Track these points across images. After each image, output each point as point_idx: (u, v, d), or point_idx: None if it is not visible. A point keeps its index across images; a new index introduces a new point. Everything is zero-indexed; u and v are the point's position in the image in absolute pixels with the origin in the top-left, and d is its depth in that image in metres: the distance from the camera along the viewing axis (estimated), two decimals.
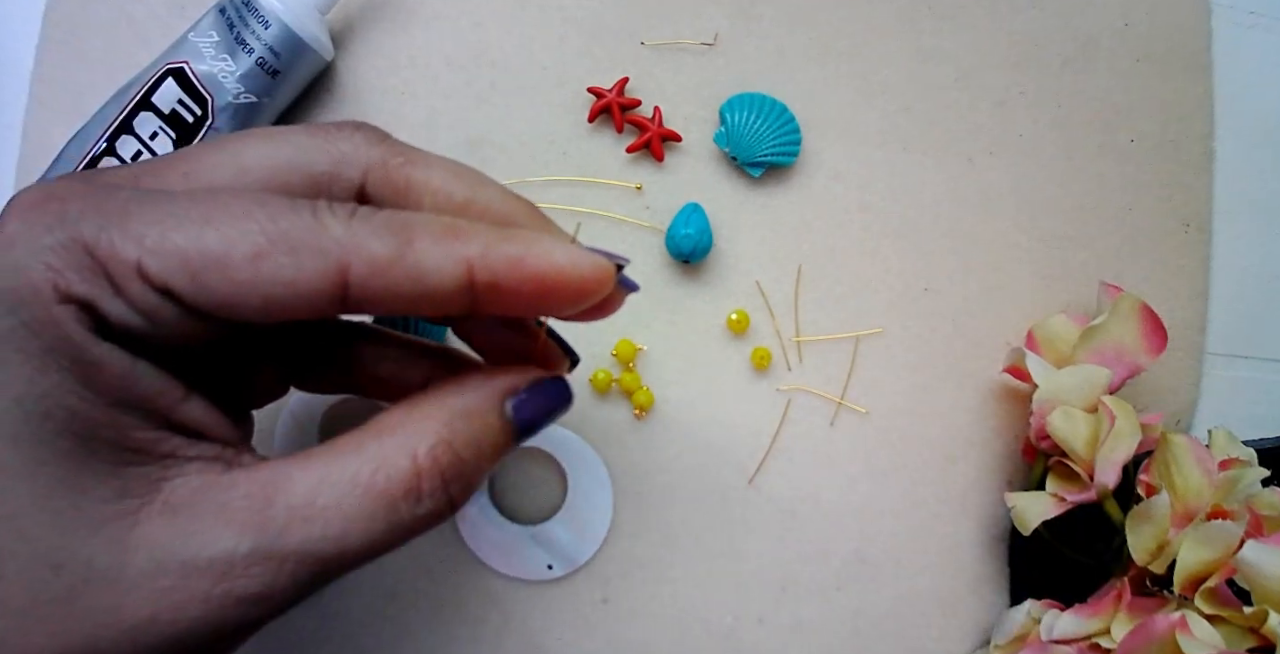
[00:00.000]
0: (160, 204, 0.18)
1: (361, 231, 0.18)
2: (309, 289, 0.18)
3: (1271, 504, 0.31)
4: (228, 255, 0.17)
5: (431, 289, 0.19)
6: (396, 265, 0.18)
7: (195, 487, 0.19)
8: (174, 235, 0.17)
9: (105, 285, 0.18)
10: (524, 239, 0.19)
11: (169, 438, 0.19)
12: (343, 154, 0.20)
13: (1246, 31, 0.41)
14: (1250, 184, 0.41)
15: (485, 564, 0.36)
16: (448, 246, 0.19)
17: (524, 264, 0.19)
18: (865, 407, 0.38)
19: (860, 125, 0.38)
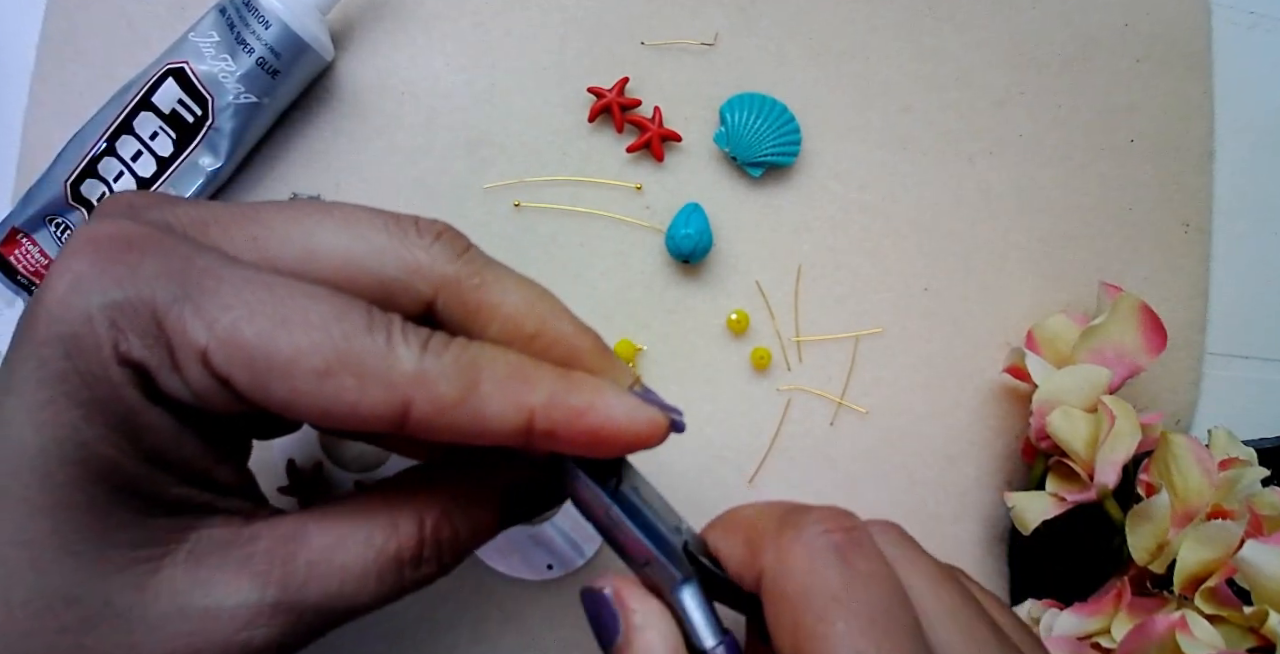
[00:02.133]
0: (238, 287, 0.18)
1: (431, 369, 0.18)
2: (369, 414, 0.18)
3: (1271, 504, 0.31)
4: (295, 364, 0.17)
5: (490, 431, 0.19)
6: (459, 408, 0.18)
7: (220, 538, 0.20)
8: (245, 329, 0.17)
9: (166, 358, 0.18)
10: (588, 390, 0.20)
11: (200, 494, 0.20)
12: (419, 265, 0.20)
13: (1246, 31, 0.41)
14: (1250, 184, 0.41)
15: (485, 564, 0.36)
16: (512, 394, 0.19)
17: (584, 418, 0.19)
18: (865, 407, 0.38)
19: (860, 125, 0.38)
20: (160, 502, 0.19)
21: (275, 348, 0.17)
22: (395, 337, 0.18)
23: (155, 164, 0.34)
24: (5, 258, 0.35)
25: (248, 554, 0.19)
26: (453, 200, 0.37)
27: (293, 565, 0.20)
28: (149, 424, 0.18)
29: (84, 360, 0.17)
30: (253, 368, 0.17)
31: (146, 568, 0.19)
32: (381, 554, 0.20)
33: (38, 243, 0.35)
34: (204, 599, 0.19)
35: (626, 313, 0.37)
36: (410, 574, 0.21)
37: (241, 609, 0.19)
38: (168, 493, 0.19)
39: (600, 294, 0.37)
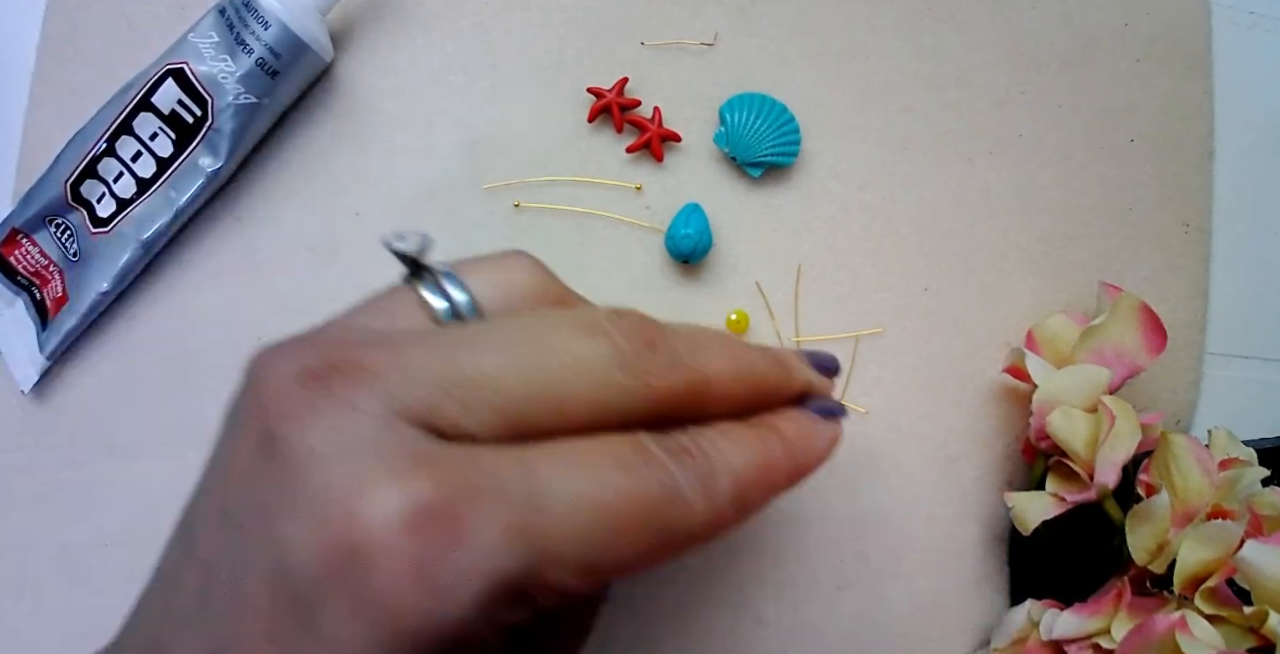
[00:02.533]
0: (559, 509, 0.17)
1: (719, 505, 0.20)
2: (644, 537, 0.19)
3: (1271, 504, 0.31)
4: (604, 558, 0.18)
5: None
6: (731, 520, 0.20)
7: None
8: (589, 554, 0.17)
9: (520, 606, 0.17)
10: (809, 453, 0.22)
11: None
12: (654, 394, 0.20)
13: (1246, 31, 0.41)
14: (1250, 184, 0.41)
15: None
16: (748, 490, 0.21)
17: (808, 468, 0.22)
18: (865, 407, 0.38)
19: (860, 125, 0.38)
20: None
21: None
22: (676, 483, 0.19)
23: (155, 164, 0.34)
24: (5, 258, 0.35)
25: None
26: (452, 200, 0.37)
27: None
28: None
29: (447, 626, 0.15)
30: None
31: None
32: None
33: (38, 243, 0.35)
34: None
35: None
36: None
37: None
38: None
39: (600, 294, 0.37)
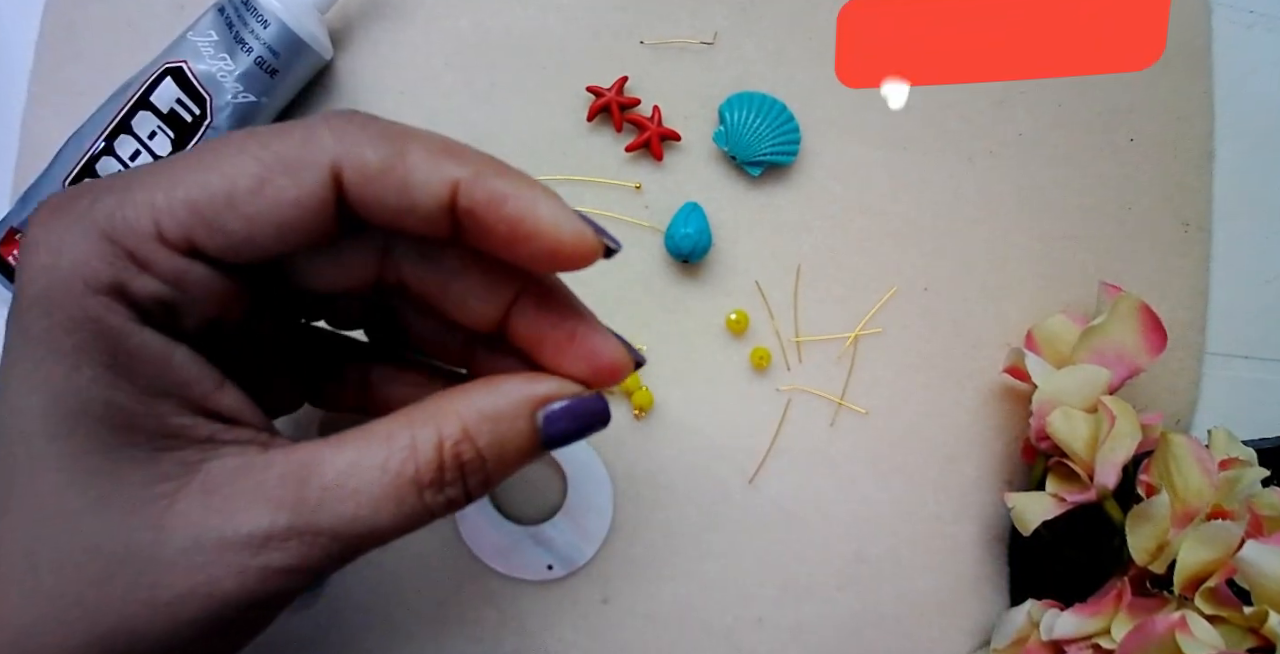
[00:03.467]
0: (159, 170, 0.19)
1: (356, 139, 0.19)
2: (312, 203, 0.19)
3: (1271, 504, 0.31)
4: (234, 191, 0.18)
5: (416, 204, 0.19)
6: (388, 175, 0.19)
7: (232, 467, 0.19)
8: (179, 190, 0.18)
9: (130, 265, 0.18)
10: (516, 180, 0.20)
11: (206, 423, 0.19)
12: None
13: (1246, 31, 0.41)
14: (1250, 184, 0.41)
15: (485, 564, 0.36)
16: (439, 164, 0.19)
17: (506, 204, 0.19)
18: (865, 407, 0.38)
19: (860, 125, 0.38)
20: (165, 434, 0.19)
21: (211, 188, 0.18)
22: (316, 127, 0.19)
23: None
24: (3, 258, 0.35)
25: (261, 481, 0.19)
26: None
27: (306, 490, 0.19)
28: (137, 347, 0.18)
29: (60, 311, 0.18)
30: (202, 216, 0.18)
31: (162, 506, 0.19)
32: (398, 478, 0.20)
33: None
34: (218, 528, 0.19)
35: (626, 313, 0.37)
36: (432, 498, 0.20)
37: (256, 535, 0.19)
38: (169, 423, 0.19)
39: (600, 294, 0.37)
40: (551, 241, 0.20)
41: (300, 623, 0.35)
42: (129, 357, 0.18)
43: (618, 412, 0.37)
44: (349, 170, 0.19)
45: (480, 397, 0.21)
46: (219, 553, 0.19)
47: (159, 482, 0.19)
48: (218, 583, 0.19)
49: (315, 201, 0.19)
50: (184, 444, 0.19)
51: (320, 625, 0.36)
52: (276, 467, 0.20)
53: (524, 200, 0.19)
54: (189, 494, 0.19)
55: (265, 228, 0.19)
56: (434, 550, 0.36)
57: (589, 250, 0.20)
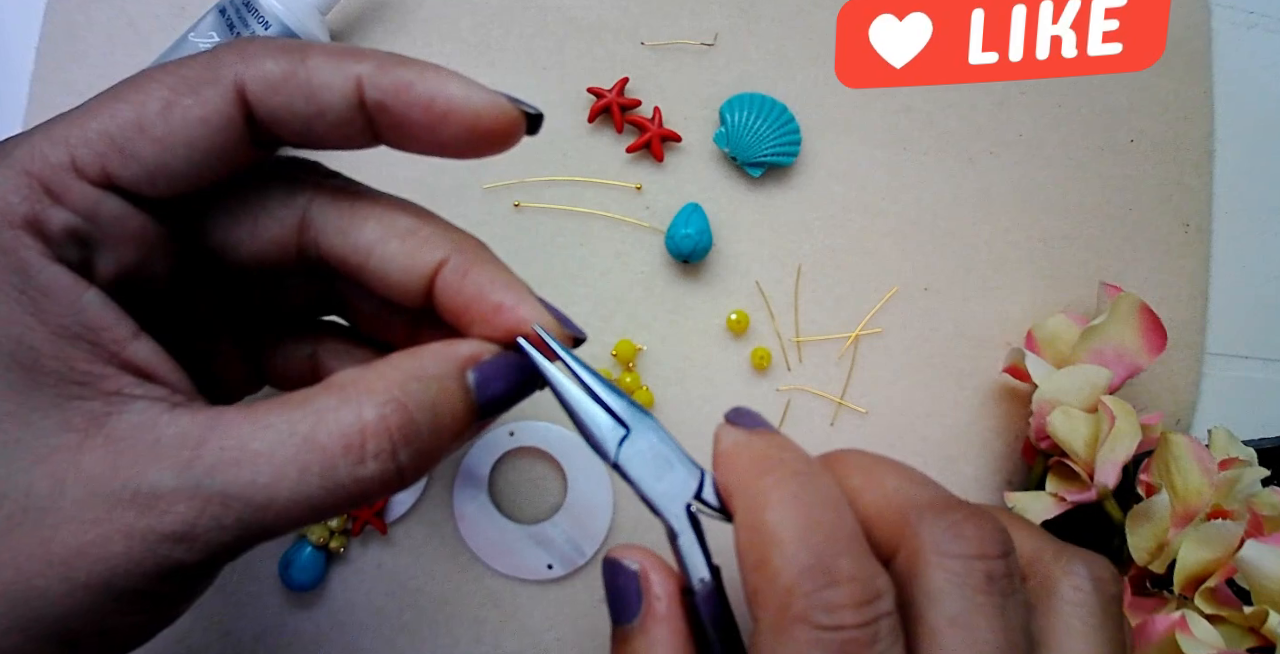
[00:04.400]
0: (79, 108, 0.19)
1: (256, 53, 0.19)
2: (216, 118, 0.19)
3: (1271, 504, 0.31)
4: (142, 117, 0.18)
5: (324, 106, 0.19)
6: (290, 81, 0.19)
7: (135, 423, 0.19)
8: (93, 122, 0.19)
9: (44, 197, 0.18)
10: (419, 66, 0.20)
11: (117, 375, 0.19)
12: None
13: (1246, 31, 0.41)
14: (1250, 184, 0.41)
15: (485, 564, 0.36)
16: (340, 64, 0.19)
17: (414, 87, 0.19)
18: (865, 407, 0.38)
19: (860, 125, 0.38)
20: (73, 380, 0.18)
21: (120, 117, 0.18)
22: (219, 49, 0.19)
23: None
24: None
25: (158, 437, 0.18)
26: (453, 200, 0.37)
27: (202, 450, 0.18)
28: (48, 284, 0.18)
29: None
30: (114, 144, 0.18)
31: (65, 457, 0.18)
32: (305, 444, 0.18)
33: None
34: (111, 484, 0.18)
35: (626, 313, 0.37)
36: (348, 471, 0.18)
37: (143, 493, 0.18)
38: (78, 368, 0.18)
39: (600, 294, 0.37)
40: (468, 116, 0.19)
41: (300, 623, 0.36)
42: (39, 292, 0.18)
43: None
44: (252, 82, 0.19)
45: (405, 360, 0.20)
46: (108, 510, 0.18)
47: (65, 431, 0.18)
48: (107, 543, 0.18)
49: (222, 118, 0.19)
50: (92, 395, 0.18)
51: (320, 625, 0.36)
52: (179, 424, 0.18)
53: (430, 81, 0.19)
54: (91, 448, 0.18)
55: (176, 150, 0.19)
56: (434, 550, 0.36)
57: (508, 120, 0.20)
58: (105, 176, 0.19)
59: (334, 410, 0.19)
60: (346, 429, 0.18)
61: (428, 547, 0.36)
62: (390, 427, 0.19)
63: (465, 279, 0.21)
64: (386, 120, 0.20)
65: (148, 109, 0.19)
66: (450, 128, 0.20)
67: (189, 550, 0.18)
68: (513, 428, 0.36)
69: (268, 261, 0.22)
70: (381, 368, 0.20)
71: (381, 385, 0.19)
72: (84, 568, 0.18)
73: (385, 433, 0.19)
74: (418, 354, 0.20)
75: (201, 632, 0.35)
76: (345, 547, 0.35)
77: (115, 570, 0.18)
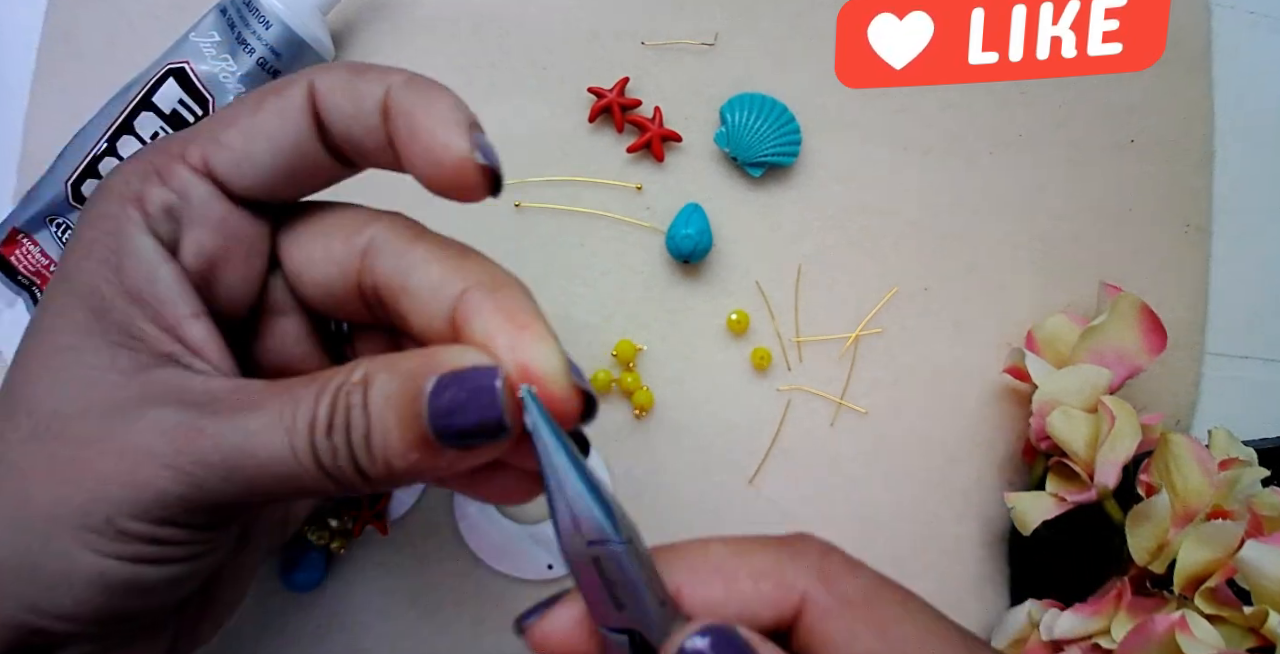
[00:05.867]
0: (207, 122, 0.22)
1: (333, 66, 0.22)
2: (295, 114, 0.21)
3: (1271, 504, 0.31)
4: (238, 114, 0.21)
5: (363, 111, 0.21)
6: (349, 85, 0.21)
7: (174, 376, 0.20)
8: (206, 123, 0.22)
9: (154, 179, 0.21)
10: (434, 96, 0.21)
11: (169, 341, 0.21)
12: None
13: (1246, 31, 0.41)
14: (1250, 184, 0.41)
15: (485, 564, 0.36)
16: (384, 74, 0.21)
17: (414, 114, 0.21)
18: (865, 407, 0.38)
19: (860, 125, 0.39)
20: (130, 334, 0.20)
21: (225, 116, 0.22)
22: (307, 70, 0.22)
23: None
24: (6, 258, 0.35)
25: (184, 389, 0.20)
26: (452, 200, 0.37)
27: (217, 403, 0.20)
28: (134, 250, 0.20)
29: (95, 212, 0.21)
30: (213, 136, 0.21)
31: (101, 392, 0.20)
32: (296, 403, 0.19)
33: (39, 243, 0.35)
34: (124, 415, 0.20)
35: (626, 313, 0.37)
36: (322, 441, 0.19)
37: (146, 421, 0.19)
38: (135, 325, 0.20)
39: (600, 294, 0.37)
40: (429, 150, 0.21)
41: (300, 623, 0.36)
42: (124, 255, 0.20)
43: (618, 412, 0.37)
44: (320, 82, 0.21)
45: (402, 354, 0.20)
46: (110, 431, 0.20)
47: (109, 370, 0.20)
48: (99, 459, 0.19)
49: (296, 112, 0.21)
50: (143, 349, 0.20)
51: (320, 625, 0.36)
52: (207, 385, 0.20)
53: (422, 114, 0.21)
54: (127, 389, 0.20)
55: (258, 141, 0.21)
56: (434, 550, 0.36)
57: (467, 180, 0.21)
58: (204, 164, 0.21)
59: (326, 383, 0.20)
60: (327, 401, 0.20)
61: (428, 547, 0.36)
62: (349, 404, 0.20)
63: (486, 302, 0.21)
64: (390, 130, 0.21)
65: (245, 107, 0.22)
66: (414, 162, 0.21)
67: (170, 480, 0.19)
68: None
69: (333, 292, 0.23)
70: (387, 354, 0.21)
71: (363, 367, 0.20)
72: (73, 485, 0.19)
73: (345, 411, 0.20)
74: (413, 350, 0.21)
75: None
76: (345, 547, 0.35)
77: (99, 491, 0.19)
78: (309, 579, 0.34)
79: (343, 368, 0.20)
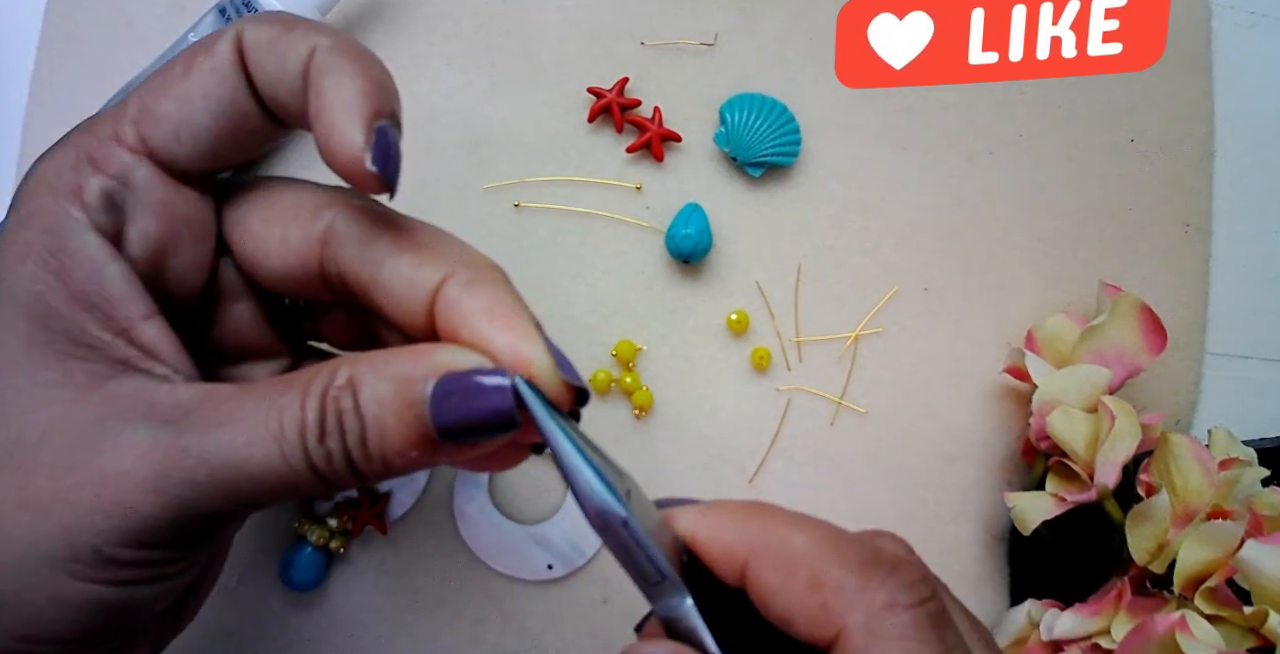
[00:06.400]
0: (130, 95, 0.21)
1: (261, 19, 0.21)
2: (227, 69, 0.20)
3: (1271, 504, 0.31)
4: (168, 80, 0.20)
5: (288, 71, 0.20)
6: (275, 43, 0.20)
7: (135, 387, 0.19)
8: (134, 96, 0.20)
9: (87, 167, 0.20)
10: (356, 61, 0.20)
11: (125, 346, 0.19)
12: None
13: (1246, 31, 0.41)
14: (1250, 184, 0.41)
15: (485, 564, 0.36)
16: (309, 33, 0.20)
17: (323, 79, 0.20)
18: (865, 407, 0.38)
19: (860, 125, 0.38)
20: (81, 343, 0.19)
21: (154, 85, 0.20)
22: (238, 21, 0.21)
23: None
24: None
25: (153, 402, 0.19)
26: (453, 200, 0.37)
27: (192, 415, 0.19)
28: (74, 251, 0.19)
29: (26, 208, 0.20)
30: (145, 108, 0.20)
31: (59, 409, 0.19)
32: (282, 412, 0.19)
33: None
34: (94, 437, 0.18)
35: (626, 313, 0.37)
36: (314, 446, 0.19)
37: (122, 445, 0.18)
38: (87, 334, 0.19)
39: (600, 294, 0.37)
40: (327, 139, 0.19)
41: (300, 623, 0.36)
42: (67, 256, 0.19)
43: (618, 412, 0.37)
44: (248, 37, 0.20)
45: (385, 353, 0.20)
46: (87, 458, 0.18)
47: (64, 385, 0.19)
48: (79, 489, 0.18)
49: (227, 67, 0.20)
50: (98, 359, 0.19)
51: (320, 625, 0.36)
52: (176, 395, 0.19)
53: (331, 95, 0.19)
54: (87, 403, 0.19)
55: (194, 103, 0.20)
56: (434, 550, 0.36)
57: (356, 173, 0.20)
58: (140, 142, 0.20)
59: (308, 388, 0.19)
60: (315, 407, 0.19)
61: (428, 547, 0.36)
62: (340, 410, 0.19)
63: (463, 296, 0.20)
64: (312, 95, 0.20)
65: (174, 72, 0.20)
66: (317, 137, 0.20)
67: (159, 504, 0.18)
68: None
69: (292, 276, 0.22)
70: (364, 355, 0.20)
71: (347, 370, 0.19)
72: (53, 518, 0.18)
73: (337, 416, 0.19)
74: (404, 351, 0.20)
75: (202, 632, 0.35)
76: (345, 547, 0.35)
77: (82, 523, 0.18)
78: (309, 579, 0.34)
79: (320, 369, 0.20)
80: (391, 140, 0.20)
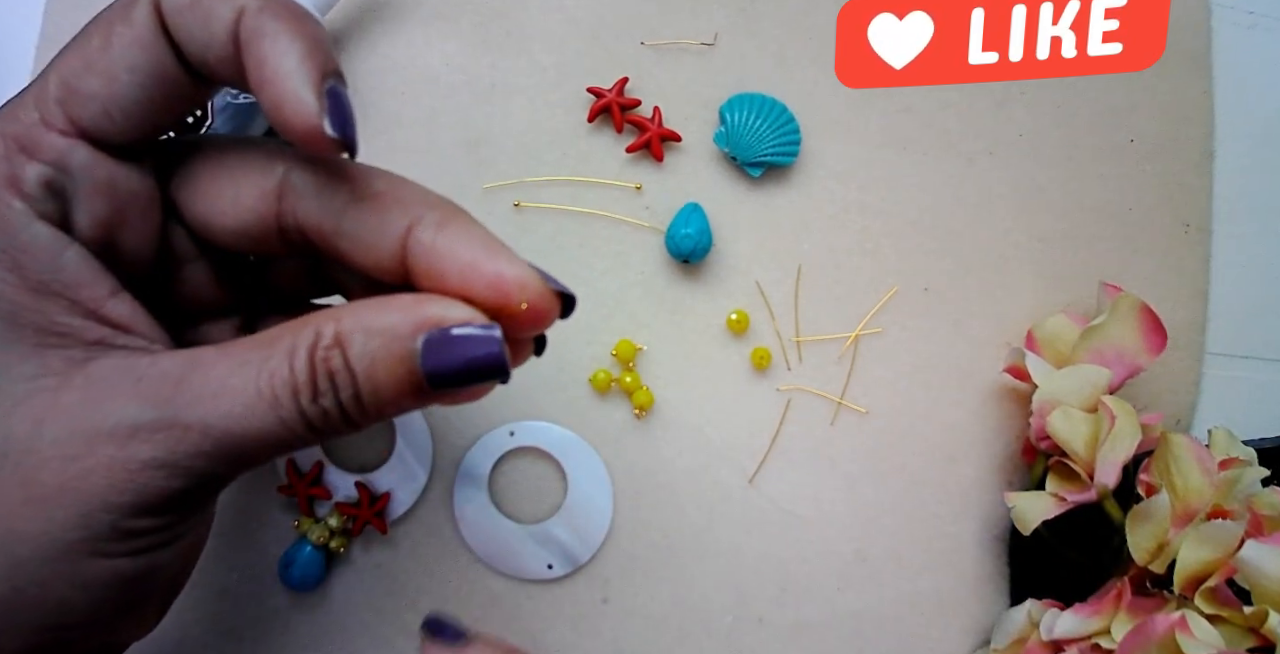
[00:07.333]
0: (41, 72, 0.20)
1: None
2: (149, 36, 0.19)
3: (1271, 504, 0.31)
4: (87, 55, 0.19)
5: (213, 36, 0.19)
6: (196, 5, 0.19)
7: (117, 364, 0.19)
8: (52, 75, 0.19)
9: (20, 156, 0.19)
10: (286, 21, 0.19)
11: (96, 327, 0.19)
12: None
13: (1246, 31, 0.41)
14: (1250, 184, 0.41)
15: (485, 564, 0.36)
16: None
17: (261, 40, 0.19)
18: (865, 407, 0.38)
19: (860, 125, 0.38)
20: (52, 332, 0.19)
21: (72, 62, 0.19)
22: None
23: None
24: None
25: (139, 376, 0.19)
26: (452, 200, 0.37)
27: (181, 386, 0.19)
28: (29, 242, 0.19)
29: None
30: (69, 88, 0.19)
31: (44, 399, 0.19)
32: (274, 376, 0.19)
33: None
34: (91, 420, 0.19)
35: (626, 313, 0.37)
36: (308, 405, 0.19)
37: (121, 426, 0.18)
38: (57, 322, 0.19)
39: (600, 294, 0.37)
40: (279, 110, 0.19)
41: (300, 623, 0.36)
42: (20, 250, 0.19)
43: (618, 412, 0.37)
44: (166, 1, 0.19)
45: (367, 307, 0.20)
46: (88, 445, 0.18)
47: (43, 375, 0.19)
48: (88, 476, 0.18)
49: (149, 34, 0.19)
50: (72, 344, 0.19)
51: (320, 625, 0.36)
52: (159, 366, 0.19)
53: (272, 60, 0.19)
54: (71, 388, 0.19)
55: (120, 77, 0.19)
56: (434, 550, 0.36)
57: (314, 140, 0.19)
58: (70, 124, 0.19)
59: (295, 349, 0.19)
60: (304, 367, 0.19)
61: (428, 547, 0.36)
62: (331, 368, 0.19)
63: (438, 237, 0.20)
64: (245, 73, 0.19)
65: (92, 44, 0.19)
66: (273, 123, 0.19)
67: (169, 477, 0.19)
68: (513, 428, 0.36)
69: (248, 235, 0.21)
70: (344, 310, 0.20)
71: (333, 327, 0.19)
72: (65, 504, 0.18)
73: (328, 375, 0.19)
74: (384, 303, 0.20)
75: (202, 632, 0.35)
76: (345, 547, 0.35)
77: (96, 505, 0.18)
78: (308, 579, 0.34)
79: (302, 326, 0.20)
80: (344, 101, 0.19)
